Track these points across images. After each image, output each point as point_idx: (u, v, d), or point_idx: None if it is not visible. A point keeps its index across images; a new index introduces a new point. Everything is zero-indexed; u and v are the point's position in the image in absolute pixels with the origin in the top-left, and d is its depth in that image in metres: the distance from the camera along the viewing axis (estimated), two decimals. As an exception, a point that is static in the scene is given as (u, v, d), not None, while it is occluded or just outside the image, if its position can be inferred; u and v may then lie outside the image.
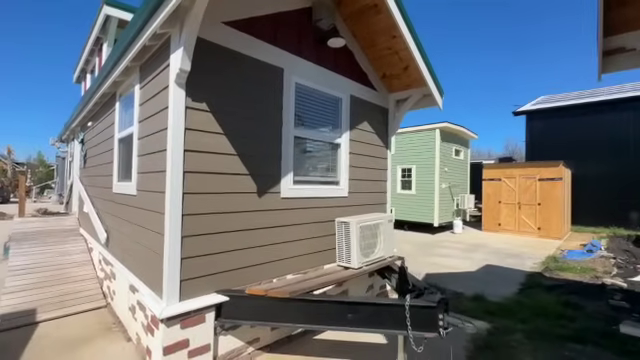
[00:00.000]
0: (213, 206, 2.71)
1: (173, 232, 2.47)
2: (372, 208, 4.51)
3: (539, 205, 11.36)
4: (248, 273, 2.98)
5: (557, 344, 3.46)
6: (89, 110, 5.31)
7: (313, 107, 3.76)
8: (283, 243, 3.30)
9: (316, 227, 3.68)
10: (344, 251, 3.56)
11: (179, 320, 2.48)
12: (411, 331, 2.48)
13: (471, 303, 4.68)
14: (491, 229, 12.37)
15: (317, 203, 3.70)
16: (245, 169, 2.97)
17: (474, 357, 3.16)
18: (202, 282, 2.64)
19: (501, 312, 4.31)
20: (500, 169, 12.38)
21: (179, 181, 2.50)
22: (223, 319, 2.74)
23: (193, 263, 2.58)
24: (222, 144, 2.80)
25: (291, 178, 3.40)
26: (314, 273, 3.44)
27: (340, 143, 4.06)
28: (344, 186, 4.09)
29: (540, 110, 16.40)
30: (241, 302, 2.75)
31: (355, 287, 4.24)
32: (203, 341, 2.62)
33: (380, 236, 3.80)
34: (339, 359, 3.07)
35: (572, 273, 6.53)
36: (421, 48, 4.05)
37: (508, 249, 9.13)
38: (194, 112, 2.61)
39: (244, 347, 3.00)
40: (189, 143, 2.56)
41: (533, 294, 5.12)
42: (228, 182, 2.83)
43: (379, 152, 4.71)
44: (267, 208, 3.15)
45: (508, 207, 12.08)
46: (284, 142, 3.32)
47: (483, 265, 7.15)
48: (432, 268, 6.76)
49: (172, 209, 2.47)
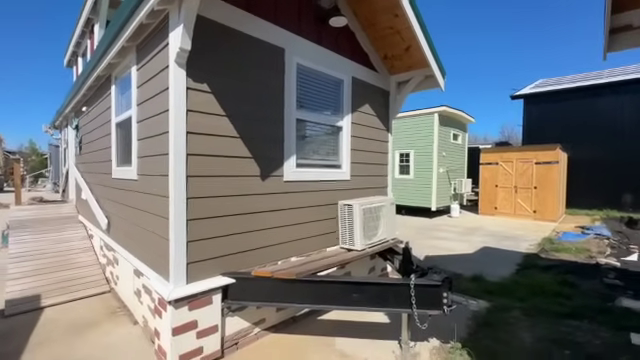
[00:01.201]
0: (217, 189, 2.69)
1: (178, 215, 2.45)
2: (374, 191, 4.52)
3: (535, 188, 11.49)
4: (253, 256, 3.00)
5: (554, 320, 3.56)
6: (83, 95, 5.17)
7: (315, 89, 3.69)
8: (287, 226, 3.31)
9: (319, 210, 3.68)
10: (347, 233, 3.58)
11: (187, 302, 2.50)
12: (416, 309, 2.53)
13: (470, 283, 4.78)
14: (488, 213, 12.53)
15: (320, 186, 3.69)
16: (248, 152, 2.93)
17: (475, 333, 3.25)
18: (208, 265, 2.65)
19: (500, 291, 4.41)
20: (498, 153, 12.42)
21: (182, 164, 2.47)
22: (230, 301, 2.77)
23: (199, 246, 2.58)
24: (224, 126, 2.75)
25: (294, 161, 3.37)
26: (318, 255, 3.47)
27: (342, 126, 4.02)
28: (346, 169, 4.07)
29: (538, 94, 16.34)
30: (247, 284, 2.77)
31: (357, 269, 4.29)
32: (211, 322, 2.65)
33: (382, 219, 3.82)
34: (343, 337, 3.13)
35: (567, 254, 6.67)
36: (424, 27, 3.96)
37: (505, 232, 9.28)
38: (195, 93, 2.54)
39: (250, 328, 3.05)
40: (191, 125, 2.51)
41: (530, 274, 5.24)
42: (231, 165, 2.80)
43: (380, 135, 4.68)
44: (270, 191, 3.14)
45: (505, 191, 12.20)
46: (286, 124, 3.28)
47: (481, 247, 7.27)
48: (431, 251, 6.87)
49: (176, 193, 2.45)
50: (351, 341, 3.07)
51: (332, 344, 3.03)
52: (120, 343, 3.05)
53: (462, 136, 13.41)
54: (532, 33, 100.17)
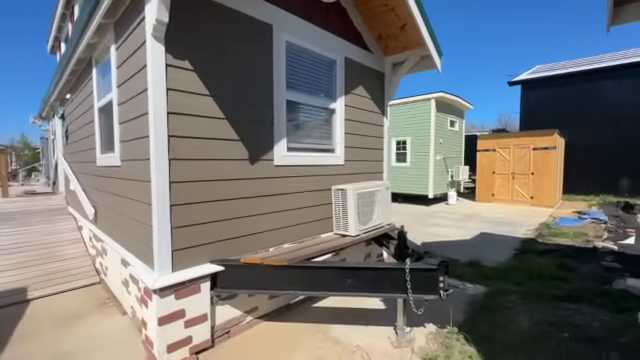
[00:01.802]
0: (203, 173, 2.56)
1: (161, 201, 2.33)
2: (369, 177, 4.41)
3: (532, 174, 11.43)
4: (243, 242, 2.89)
5: (552, 304, 3.51)
6: (66, 81, 4.96)
7: (306, 69, 3.53)
8: (279, 212, 3.19)
9: (312, 196, 3.57)
10: (341, 219, 3.48)
11: (173, 291, 2.39)
12: (411, 294, 2.45)
13: (467, 269, 4.73)
14: (485, 200, 12.50)
15: (312, 171, 3.57)
16: (235, 134, 2.79)
17: (471, 318, 3.19)
18: (195, 252, 2.54)
19: (497, 276, 4.36)
20: (495, 139, 12.31)
21: (164, 147, 2.33)
22: (219, 289, 2.68)
23: (184, 233, 2.46)
24: (209, 107, 2.60)
25: (284, 145, 3.24)
26: (311, 241, 3.37)
27: (335, 109, 3.87)
28: (340, 154, 3.94)
29: (535, 79, 16.15)
30: (237, 271, 2.67)
31: (352, 255, 4.21)
32: (199, 311, 2.56)
33: (377, 204, 3.72)
34: (339, 325, 3.06)
35: (565, 238, 6.64)
36: (420, 4, 3.78)
37: (502, 218, 9.25)
38: (176, 70, 2.38)
39: (242, 316, 2.96)
40: (172, 105, 2.36)
41: (527, 258, 5.20)
42: (217, 148, 2.66)
43: (375, 119, 4.54)
44: (260, 176, 3.01)
45: (502, 177, 12.14)
46: (276, 106, 3.13)
47: (478, 233, 7.23)
48: (428, 237, 6.81)
49: (158, 177, 2.31)
50: (346, 328, 3.01)
51: (327, 331, 2.96)
52: (108, 334, 2.96)
53: (459, 123, 13.27)
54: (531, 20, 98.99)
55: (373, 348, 2.68)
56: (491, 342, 2.75)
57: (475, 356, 2.52)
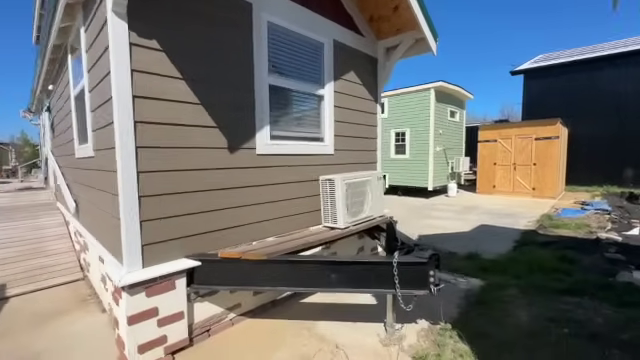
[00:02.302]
0: (175, 162, 2.39)
1: (128, 192, 2.16)
2: (361, 167, 4.22)
3: (534, 165, 11.19)
4: (224, 236, 2.73)
5: (552, 298, 3.34)
6: (46, 71, 4.78)
7: (290, 53, 3.32)
8: (262, 204, 3.02)
9: (299, 187, 3.39)
10: (329, 211, 3.31)
11: (144, 288, 2.24)
12: (399, 289, 2.28)
13: (464, 261, 4.56)
14: (486, 191, 12.29)
15: (299, 161, 3.39)
16: (212, 121, 2.61)
17: (467, 313, 3.03)
18: (169, 246, 2.38)
19: (495, 269, 4.19)
20: (496, 129, 12.05)
21: (130, 133, 2.15)
22: (196, 285, 2.52)
23: (156, 226, 2.30)
24: (182, 90, 2.41)
25: (267, 133, 3.05)
26: (297, 235, 3.20)
27: (323, 95, 3.67)
28: (329, 143, 3.75)
29: (538, 68, 15.80)
30: (215, 267, 2.51)
31: (344, 249, 4.05)
32: (174, 309, 2.41)
33: (368, 194, 3.54)
34: (326, 321, 2.91)
35: (567, 229, 6.45)
36: (412, -19, 3.55)
37: (502, 209, 9.05)
38: (142, 50, 2.19)
39: (224, 313, 2.82)
40: (139, 88, 2.18)
41: (528, 250, 5.02)
42: (191, 135, 2.48)
43: (368, 106, 4.33)
44: (241, 165, 2.83)
45: (503, 168, 11.91)
46: (257, 91, 2.94)
47: (477, 225, 7.05)
48: (426, 230, 6.64)
49: (124, 166, 2.14)
50: (334, 324, 2.85)
51: (313, 328, 2.81)
52: (84, 332, 2.83)
53: (460, 113, 12.99)
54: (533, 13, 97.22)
55: (360, 346, 2.53)
56: (486, 339, 2.59)
57: (468, 354, 2.36)
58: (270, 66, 3.07)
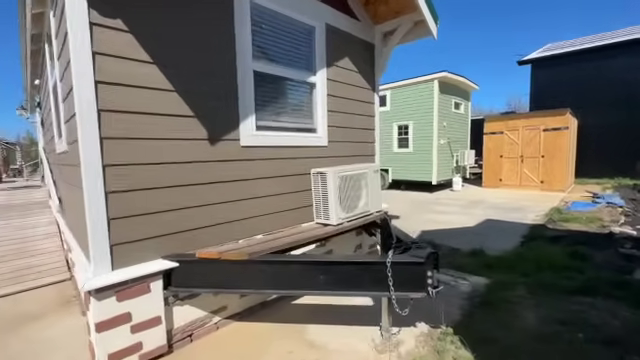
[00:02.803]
0: (147, 155, 2.19)
1: (93, 187, 1.97)
2: (358, 160, 3.99)
3: (542, 157, 10.82)
4: (206, 234, 2.53)
5: (563, 298, 3.09)
6: (32, 64, 4.62)
7: (278, 37, 3.09)
8: (248, 200, 2.82)
9: (290, 181, 3.18)
10: (321, 206, 3.09)
11: (113, 292, 2.06)
12: (394, 292, 2.06)
13: (468, 258, 4.32)
14: (492, 185, 11.95)
15: (290, 153, 3.17)
16: (189, 110, 2.40)
17: (470, 315, 2.81)
18: (142, 246, 2.19)
19: (501, 266, 3.95)
20: (503, 121, 11.67)
21: (93, 123, 1.95)
22: (174, 288, 2.33)
23: (126, 225, 2.11)
24: (153, 76, 2.20)
25: (253, 123, 2.83)
26: (286, 232, 3.00)
27: (315, 83, 3.43)
28: (322, 134, 3.52)
29: (546, 57, 15.29)
30: (194, 268, 2.32)
31: (340, 246, 3.84)
32: (150, 314, 2.23)
33: (364, 188, 3.31)
34: (317, 325, 2.71)
35: (577, 224, 6.15)
36: (410, -43, 3.28)
37: (509, 203, 8.75)
38: (105, 31, 1.99)
39: (208, 317, 2.63)
40: (102, 73, 1.97)
41: (536, 246, 4.75)
42: (166, 126, 2.28)
43: (364, 95, 4.08)
44: (223, 158, 2.62)
45: (510, 161, 11.55)
46: (240, 78, 2.71)
47: (483, 220, 6.78)
48: (428, 225, 6.39)
49: (88, 159, 1.95)
50: (325, 328, 2.65)
51: (303, 332, 2.62)
52: (59, 337, 2.67)
53: (464, 105, 12.61)
54: None
55: (352, 352, 2.33)
56: (491, 344, 2.36)
57: (470, 363, 2.14)
58: (255, 51, 2.84)
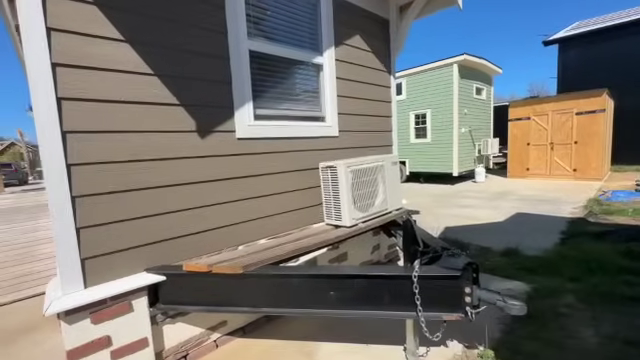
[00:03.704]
0: (122, 151, 1.85)
1: (56, 190, 1.66)
2: (373, 151, 3.55)
3: (575, 143, 9.95)
4: (198, 242, 2.19)
5: (626, 309, 2.58)
6: (27, 62, 4.41)
7: (276, 11, 2.68)
8: (247, 200, 2.46)
9: (296, 177, 2.79)
10: (332, 205, 2.69)
11: (87, 313, 1.75)
12: (422, 313, 1.65)
13: (502, 259, 3.82)
14: (518, 175, 11.17)
15: (294, 145, 2.78)
16: (172, 97, 2.05)
17: (512, 332, 2.35)
18: (122, 258, 1.87)
19: (542, 269, 3.43)
20: (530, 105, 10.82)
21: (52, 114, 1.63)
22: (163, 305, 2.01)
23: (100, 234, 1.79)
24: (126, 57, 1.85)
25: (250, 112, 2.46)
26: (292, 237, 2.62)
27: (322, 64, 3.01)
28: (332, 123, 3.11)
29: (576, 36, 14.13)
30: (183, 282, 1.99)
31: (356, 248, 3.45)
32: (134, 335, 1.92)
33: (381, 183, 2.89)
34: (329, 342, 2.34)
35: (624, 216, 5.47)
36: None
37: (540, 195, 8.04)
38: (62, 2, 1.65)
39: (205, 334, 2.31)
40: (60, 52, 1.64)
41: (580, 244, 4.18)
42: (145, 116, 1.93)
43: (379, 78, 3.62)
44: (215, 153, 2.27)
45: (538, 149, 10.72)
46: (234, 60, 2.33)
47: (512, 214, 6.18)
48: (452, 221, 5.88)
49: (48, 156, 1.63)
50: (340, 347, 2.28)
51: (313, 353, 2.25)
52: (45, 356, 2.42)
53: (487, 90, 11.80)
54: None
55: (372, 382, 1.94)
56: (544, 372, 1.92)
57: (522, 401, 1.71)
58: (251, 28, 2.45)
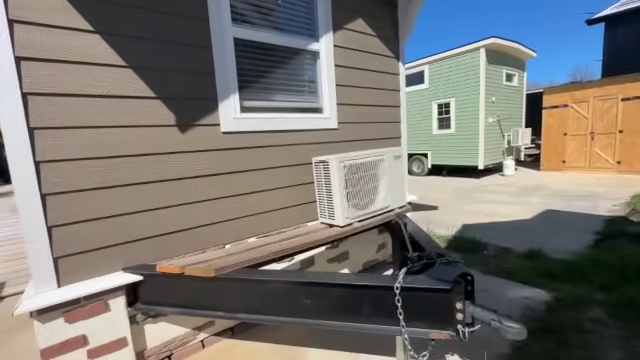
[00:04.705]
0: (94, 147, 1.79)
1: (25, 188, 1.62)
2: (379, 144, 3.32)
3: (620, 133, 8.97)
4: (183, 239, 2.12)
5: (667, 326, 2.21)
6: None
7: (267, -5, 2.50)
8: (233, 197, 2.35)
9: (289, 173, 2.64)
10: (325, 203, 2.51)
11: (61, 312, 1.73)
12: (406, 329, 1.45)
13: (523, 261, 3.47)
14: (553, 168, 10.31)
15: (287, 139, 2.62)
16: (149, 90, 1.95)
17: (524, 348, 2.08)
18: (97, 257, 1.83)
19: (568, 274, 3.06)
20: (568, 91, 9.87)
21: (17, 109, 1.58)
22: (143, 305, 1.96)
23: (73, 232, 1.75)
24: (96, 49, 1.77)
25: (236, 103, 2.32)
26: (284, 235, 2.49)
27: (319, 51, 2.81)
28: (330, 114, 2.91)
29: (627, 12, 12.64)
30: (160, 282, 1.93)
31: (358, 247, 3.27)
32: (112, 335, 1.88)
33: (383, 179, 2.66)
34: (320, 349, 2.20)
35: (674, 215, 4.82)
36: None
37: (575, 190, 7.34)
38: (24, -8, 1.58)
39: (192, 334, 2.25)
40: (24, 45, 1.58)
41: (617, 246, 3.70)
42: (121, 110, 1.86)
43: (385, 65, 3.35)
44: (198, 148, 2.16)
45: (577, 139, 9.79)
46: (217, 49, 2.20)
47: (542, 211, 5.66)
48: (472, 217, 5.49)
49: (16, 153, 1.60)
50: (328, 356, 2.13)
51: (301, 358, 2.12)
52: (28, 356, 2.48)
53: (518, 76, 10.91)
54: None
55: (357, 397, 1.78)
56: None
57: None
58: (235, 13, 2.30)
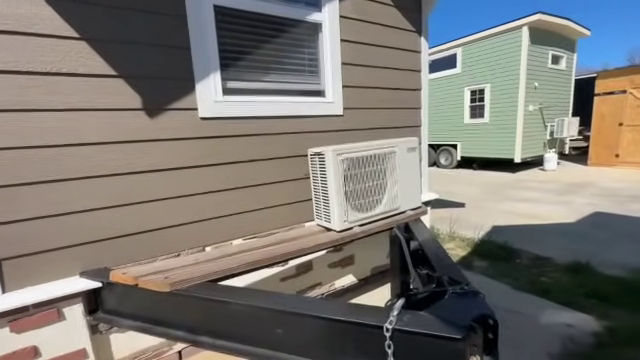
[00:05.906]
0: (41, 134, 1.54)
1: (-41, 181, 1.41)
2: (394, 133, 2.87)
3: (691, 123, 7.69)
4: (153, 240, 1.87)
5: None
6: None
7: (258, -45, 2.11)
8: (214, 193, 2.05)
9: (282, 166, 2.30)
10: (321, 203, 2.15)
11: (6, 321, 1.53)
12: (399, 384, 1.08)
13: (565, 276, 2.92)
14: (603, 163, 9.15)
15: (280, 126, 2.27)
16: (109, 67, 1.67)
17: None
18: (51, 259, 1.61)
19: (625, 297, 2.49)
20: (626, 75, 8.61)
21: (-55, 88, 1.35)
22: (104, 314, 1.74)
23: (22, 232, 1.53)
24: (40, 16, 1.50)
25: (217, 84, 1.99)
26: (273, 238, 2.16)
27: (321, 22, 2.39)
28: (334, 98, 2.51)
29: None
30: (119, 291, 1.68)
31: (366, 251, 2.89)
32: (68, 347, 1.68)
33: (391, 176, 2.24)
34: None
35: None
36: None
37: (630, 189, 6.38)
38: (-53, -53, 1.32)
39: (167, 344, 2.02)
40: (-50, 12, 1.34)
41: (689, 263, 3.02)
42: (72, 90, 1.59)
43: (404, 40, 2.87)
44: (170, 136, 1.87)
45: (635, 131, 8.57)
46: (193, 16, 1.87)
47: (589, 213, 4.92)
48: (504, 218, 4.87)
49: (-53, 141, 1.38)
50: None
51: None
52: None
53: (567, 58, 9.68)
54: None
55: None
56: None
57: None
58: (219, -23, 1.94)
